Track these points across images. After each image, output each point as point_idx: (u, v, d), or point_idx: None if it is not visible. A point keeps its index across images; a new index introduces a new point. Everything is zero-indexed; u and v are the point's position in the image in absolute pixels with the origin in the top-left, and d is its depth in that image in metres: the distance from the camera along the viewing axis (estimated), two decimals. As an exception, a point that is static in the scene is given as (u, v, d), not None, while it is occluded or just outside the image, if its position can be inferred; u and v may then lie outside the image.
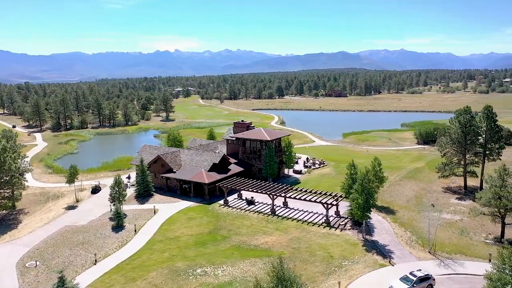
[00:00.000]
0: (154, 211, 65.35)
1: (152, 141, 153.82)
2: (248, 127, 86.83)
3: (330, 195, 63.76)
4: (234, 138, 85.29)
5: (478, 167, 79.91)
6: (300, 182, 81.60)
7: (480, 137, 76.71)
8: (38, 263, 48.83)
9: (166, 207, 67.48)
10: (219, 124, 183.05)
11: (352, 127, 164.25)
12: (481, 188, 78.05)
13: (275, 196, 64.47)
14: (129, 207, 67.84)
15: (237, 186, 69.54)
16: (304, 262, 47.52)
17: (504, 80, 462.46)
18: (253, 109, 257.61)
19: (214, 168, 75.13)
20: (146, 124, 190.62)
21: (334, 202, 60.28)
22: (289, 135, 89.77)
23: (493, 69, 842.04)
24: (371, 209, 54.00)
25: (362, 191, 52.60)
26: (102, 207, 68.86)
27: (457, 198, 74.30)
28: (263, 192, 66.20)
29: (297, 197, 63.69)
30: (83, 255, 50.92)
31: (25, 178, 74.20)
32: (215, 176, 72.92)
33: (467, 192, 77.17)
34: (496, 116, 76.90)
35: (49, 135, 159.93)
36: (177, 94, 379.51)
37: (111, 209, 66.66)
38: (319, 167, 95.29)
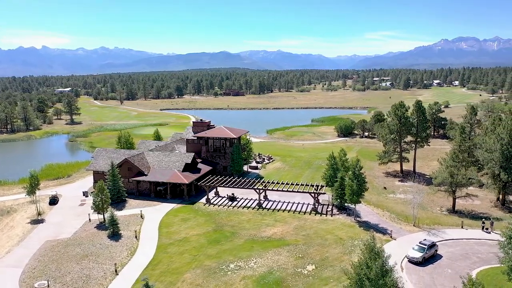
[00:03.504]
0: (141, 216, 62.71)
1: (67, 145, 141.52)
2: (208, 126, 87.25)
3: (312, 185, 68.83)
4: (195, 138, 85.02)
5: (409, 153, 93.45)
6: (263, 177, 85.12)
7: (413, 127, 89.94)
8: (49, 282, 44.07)
9: (150, 211, 65.10)
10: (136, 126, 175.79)
11: (271, 124, 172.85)
12: (414, 171, 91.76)
13: (261, 191, 67.31)
14: (108, 214, 63.58)
15: (218, 184, 70.38)
16: (321, 246, 51.80)
17: (374, 79, 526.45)
18: (161, 109, 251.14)
19: (187, 168, 74.47)
20: (51, 128, 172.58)
21: (322, 191, 65.56)
22: (247, 131, 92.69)
23: (359, 69, 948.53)
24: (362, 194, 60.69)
25: (355, 178, 58.89)
26: (75, 218, 63.36)
27: (399, 180, 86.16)
28: (248, 187, 68.42)
29: (284, 189, 67.55)
30: (96, 267, 47.34)
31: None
32: (192, 176, 72.49)
33: (404, 175, 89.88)
34: (425, 109, 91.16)
35: None
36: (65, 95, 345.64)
37: (89, 219, 62.19)
38: (270, 162, 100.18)
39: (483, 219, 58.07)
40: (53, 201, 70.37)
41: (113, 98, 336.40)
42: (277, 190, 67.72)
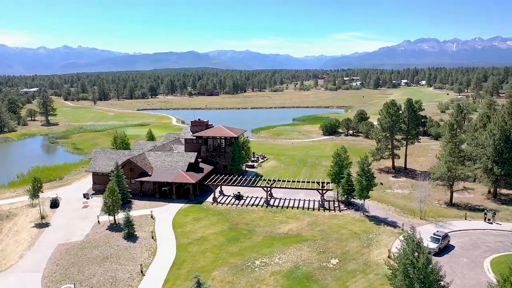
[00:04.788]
0: (152, 217, 62.10)
1: (48, 147, 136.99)
2: (207, 125, 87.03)
3: (317, 182, 70.23)
4: (193, 137, 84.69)
5: (399, 150, 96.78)
6: (262, 175, 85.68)
7: (403, 125, 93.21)
8: (75, 285, 43.14)
9: (158, 212, 64.48)
10: (116, 126, 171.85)
11: (253, 123, 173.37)
12: (405, 167, 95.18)
13: (269, 189, 68.12)
14: (122, 215, 62.52)
15: (225, 183, 70.62)
16: (339, 240, 53.25)
17: (344, 79, 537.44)
18: (138, 110, 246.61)
19: (190, 167, 74.18)
20: (27, 130, 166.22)
21: (330, 188, 67.12)
22: (245, 130, 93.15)
23: (327, 69, 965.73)
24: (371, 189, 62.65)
25: (364, 174, 60.76)
26: (81, 220, 61.89)
27: (392, 176, 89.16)
28: (255, 186, 69.11)
29: (292, 187, 68.75)
30: (120, 269, 46.67)
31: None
32: (197, 176, 72.32)
33: (397, 171, 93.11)
34: (415, 107, 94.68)
35: None
36: (33, 95, 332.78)
37: (98, 221, 61.00)
38: (264, 161, 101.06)
39: (485, 210, 61.33)
40: (54, 204, 68.34)
41: (85, 98, 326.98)
42: (285, 188, 68.76)
